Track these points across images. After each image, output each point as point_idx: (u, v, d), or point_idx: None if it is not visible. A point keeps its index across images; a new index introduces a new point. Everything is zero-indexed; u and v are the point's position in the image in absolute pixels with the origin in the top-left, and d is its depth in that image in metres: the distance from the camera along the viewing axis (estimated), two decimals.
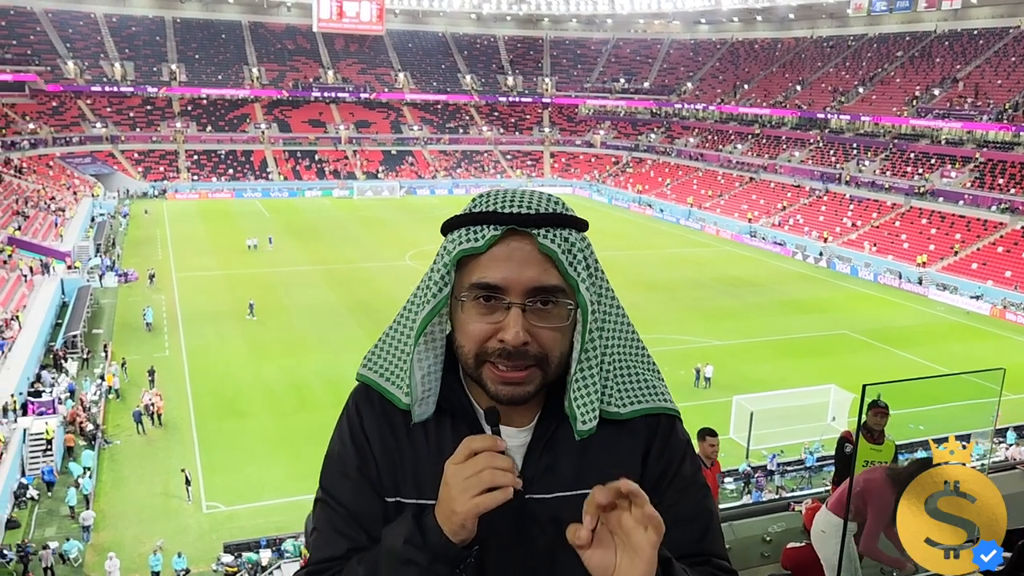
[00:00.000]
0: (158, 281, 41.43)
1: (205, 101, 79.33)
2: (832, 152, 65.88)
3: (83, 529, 20.03)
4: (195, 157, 73.64)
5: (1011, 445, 25.33)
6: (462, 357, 1.49)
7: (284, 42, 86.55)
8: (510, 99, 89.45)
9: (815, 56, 78.00)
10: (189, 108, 78.24)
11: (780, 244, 55.66)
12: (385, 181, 75.20)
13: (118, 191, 65.91)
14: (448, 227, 1.52)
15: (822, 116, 69.03)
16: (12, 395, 24.80)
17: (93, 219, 55.11)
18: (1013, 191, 50.95)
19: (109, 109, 74.63)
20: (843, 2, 72.34)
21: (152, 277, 41.51)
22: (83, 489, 21.44)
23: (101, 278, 41.45)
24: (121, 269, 43.30)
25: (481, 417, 1.53)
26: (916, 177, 57.23)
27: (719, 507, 9.89)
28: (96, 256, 45.14)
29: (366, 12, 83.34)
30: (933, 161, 58.27)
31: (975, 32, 66.02)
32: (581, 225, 1.51)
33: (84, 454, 23.29)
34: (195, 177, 71.52)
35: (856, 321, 38.81)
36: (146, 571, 18.63)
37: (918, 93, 63.36)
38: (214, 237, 53.03)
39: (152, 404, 26.07)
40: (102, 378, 28.43)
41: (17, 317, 31.50)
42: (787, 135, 71.70)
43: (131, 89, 75.92)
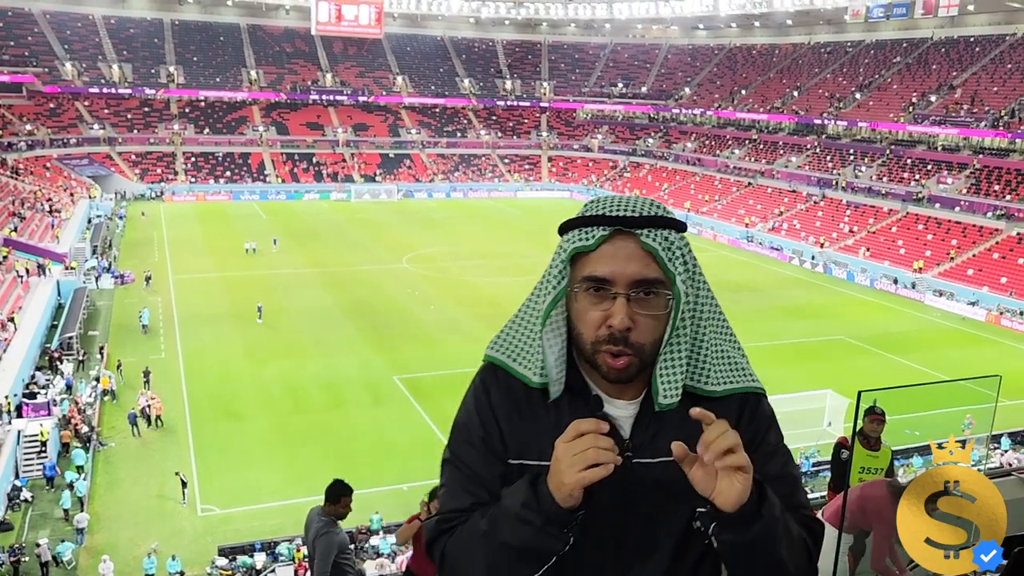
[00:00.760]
0: (154, 283, 41.37)
1: (203, 103, 79.31)
2: (829, 158, 66.02)
3: (77, 532, 19.97)
4: (192, 159, 73.61)
5: (1006, 451, 25.38)
6: (580, 343, 1.71)
7: (282, 45, 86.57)
8: (508, 103, 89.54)
9: (812, 62, 78.20)
10: (187, 110, 78.21)
11: (777, 249, 55.74)
12: (383, 184, 75.20)
13: (115, 193, 65.84)
14: (564, 228, 1.74)
15: (819, 122, 69.18)
16: (7, 397, 24.74)
17: (90, 221, 55.03)
18: (1008, 197, 51.08)
19: (107, 111, 74.57)
20: (840, 8, 72.55)
21: (148, 279, 41.45)
22: (77, 491, 21.39)
23: (97, 280, 41.38)
24: (117, 271, 43.23)
25: (595, 393, 1.75)
26: (912, 183, 57.36)
27: None
28: (92, 258, 45.08)
29: (365, 15, 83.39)
30: (929, 167, 58.41)
31: (971, 39, 66.23)
32: (680, 226, 1.70)
33: (76, 452, 23.25)
34: (192, 179, 71.48)
35: (852, 326, 38.86)
36: (140, 574, 18.57)
37: (915, 99, 63.54)
38: (211, 239, 52.98)
39: (148, 406, 26.04)
40: (97, 380, 28.37)
41: (13, 319, 31.44)
42: (784, 140, 71.83)
43: (129, 91, 75.87)
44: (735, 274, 48.68)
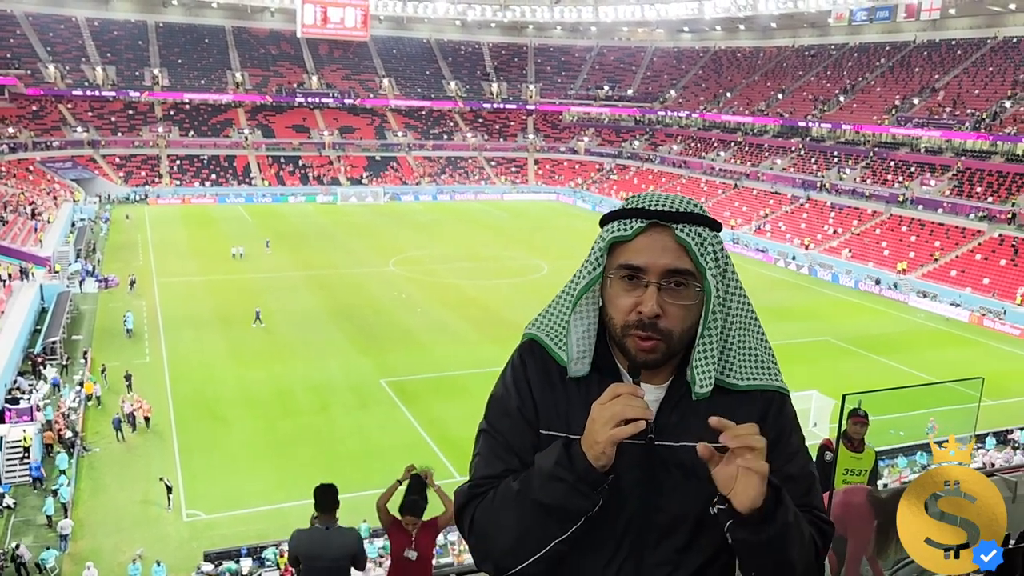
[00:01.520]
0: (139, 287, 41.09)
1: (188, 106, 78.89)
2: (813, 160, 66.43)
3: (60, 538, 19.78)
4: (177, 162, 73.18)
5: (989, 450, 25.59)
6: (611, 327, 1.80)
7: (268, 47, 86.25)
8: (494, 105, 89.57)
9: (797, 65, 78.68)
10: (171, 113, 77.77)
11: (762, 251, 56.03)
12: (369, 187, 75.04)
13: (99, 196, 65.37)
14: (605, 220, 1.84)
15: (803, 124, 69.59)
16: None
17: (73, 224, 54.60)
18: (990, 199, 51.57)
19: (90, 113, 74.03)
20: (824, 12, 73.05)
21: (133, 283, 41.16)
22: (61, 497, 21.19)
23: (81, 284, 41.05)
24: (101, 275, 42.91)
25: (624, 374, 1.84)
26: (896, 185, 57.80)
27: None
28: (76, 261, 44.72)
29: (350, 18, 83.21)
30: (913, 169, 58.88)
31: (953, 42, 66.86)
32: (715, 226, 1.78)
33: (59, 457, 23.05)
34: (177, 182, 71.07)
35: (838, 328, 39.10)
36: None
37: (898, 102, 64.05)
38: (196, 243, 52.70)
39: (134, 411, 25.84)
40: (81, 385, 28.13)
41: None
42: (769, 143, 72.23)
43: (113, 93, 75.35)
44: None
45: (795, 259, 53.49)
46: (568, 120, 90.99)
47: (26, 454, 23.13)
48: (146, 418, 25.82)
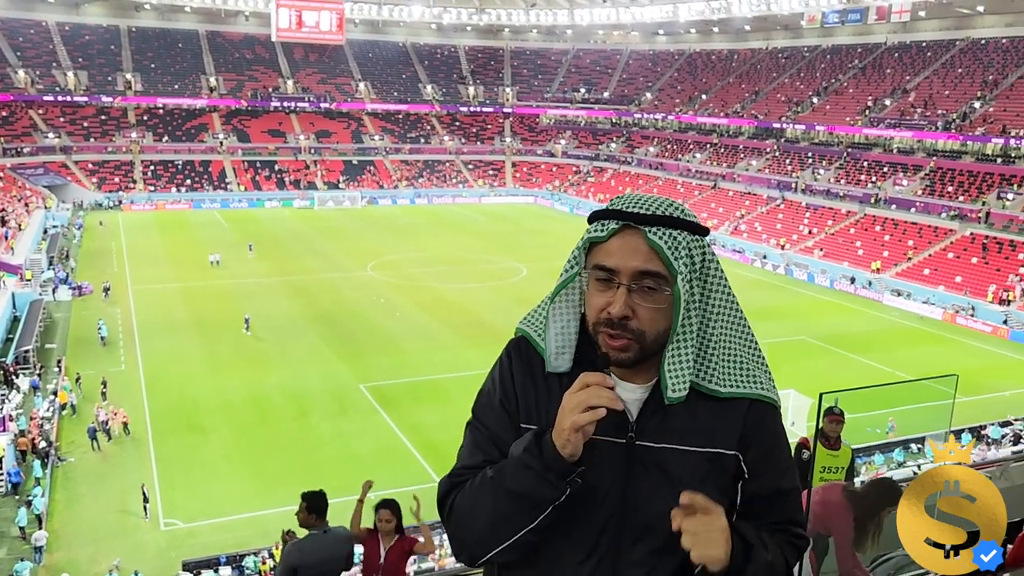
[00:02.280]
0: (113, 294, 40.61)
1: (161, 111, 78.14)
2: (788, 161, 67.06)
3: (35, 550, 19.47)
4: (151, 168, 72.43)
5: (964, 446, 25.93)
6: (587, 324, 1.83)
7: (242, 51, 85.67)
8: (471, 109, 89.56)
9: (771, 67, 79.41)
10: (145, 118, 76.97)
11: (739, 252, 56.45)
12: (346, 191, 74.71)
13: (72, 202, 64.52)
14: (590, 220, 1.86)
15: (778, 126, 70.25)
16: None
17: (46, 231, 53.87)
18: (961, 199, 52.33)
19: (62, 119, 73.08)
20: (797, 14, 73.78)
21: (107, 290, 40.68)
22: (34, 508, 20.87)
23: (54, 291, 40.48)
24: (75, 282, 42.34)
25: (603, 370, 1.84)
26: (869, 185, 58.50)
27: None
28: (49, 269, 44.11)
29: (326, 22, 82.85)
30: (886, 169, 59.61)
31: (923, 44, 67.81)
32: (699, 230, 1.79)
33: (35, 465, 22.72)
34: (151, 188, 70.35)
35: (814, 327, 39.48)
36: None
37: (870, 103, 64.84)
38: (171, 249, 52.19)
39: (108, 421, 25.52)
40: (55, 394, 27.75)
41: None
42: (744, 144, 72.82)
43: (85, 99, 74.42)
44: None
45: (766, 258, 53.98)
46: (545, 123, 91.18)
47: None
48: (124, 424, 25.51)
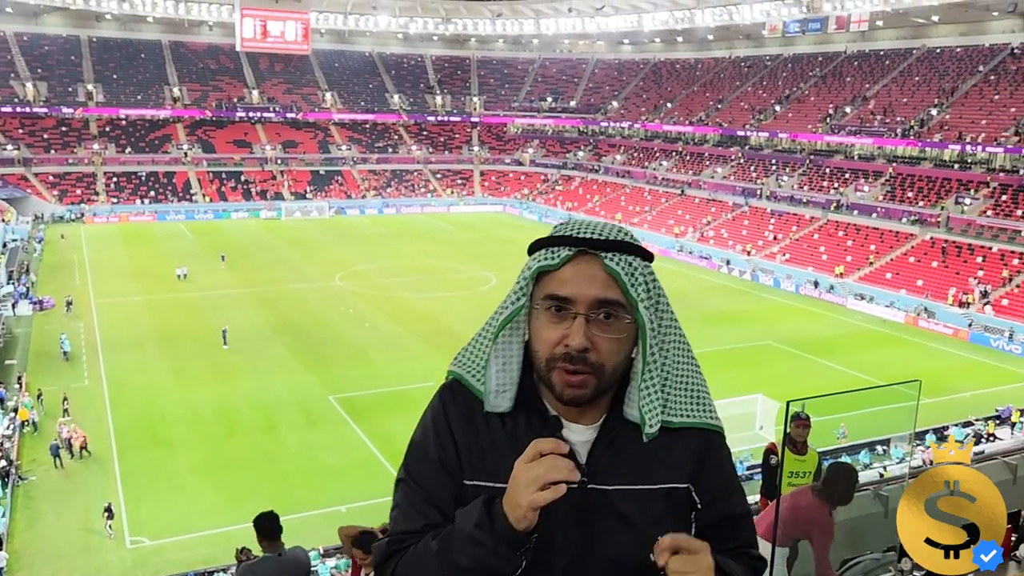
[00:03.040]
0: (76, 308, 39.90)
1: (124, 122, 77.02)
2: (753, 168, 67.96)
3: None
4: (115, 179, 71.35)
5: (928, 447, 26.40)
6: (536, 360, 1.71)
7: (207, 61, 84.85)
8: (439, 118, 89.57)
9: (734, 76, 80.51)
10: (107, 129, 75.83)
11: (706, 258, 57.04)
12: (314, 201, 74.22)
13: (32, 215, 63.28)
14: (533, 248, 1.75)
15: (742, 133, 71.22)
16: None
17: (5, 245, 52.68)
18: (921, 203, 53.42)
19: (21, 131, 71.70)
20: (759, 24, 74.89)
21: (69, 304, 39.96)
22: None
23: (14, 306, 39.65)
24: (36, 296, 41.54)
25: (551, 413, 1.74)
26: (832, 191, 59.49)
27: None
28: (9, 283, 43.19)
29: (291, 31, 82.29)
30: (847, 176, 60.68)
31: (882, 53, 69.23)
32: (646, 255, 1.72)
33: None
34: (115, 200, 69.25)
35: (780, 332, 39.98)
36: None
37: (831, 111, 65.99)
38: (135, 261, 51.42)
39: (71, 437, 25.02)
40: (16, 411, 27.15)
41: None
42: (710, 152, 73.68)
43: (45, 110, 73.13)
44: (667, 284, 48.05)
45: (729, 262, 54.60)
46: (512, 132, 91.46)
47: None
48: (83, 446, 24.93)
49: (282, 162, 78.55)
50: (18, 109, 71.97)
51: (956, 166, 55.49)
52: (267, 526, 6.05)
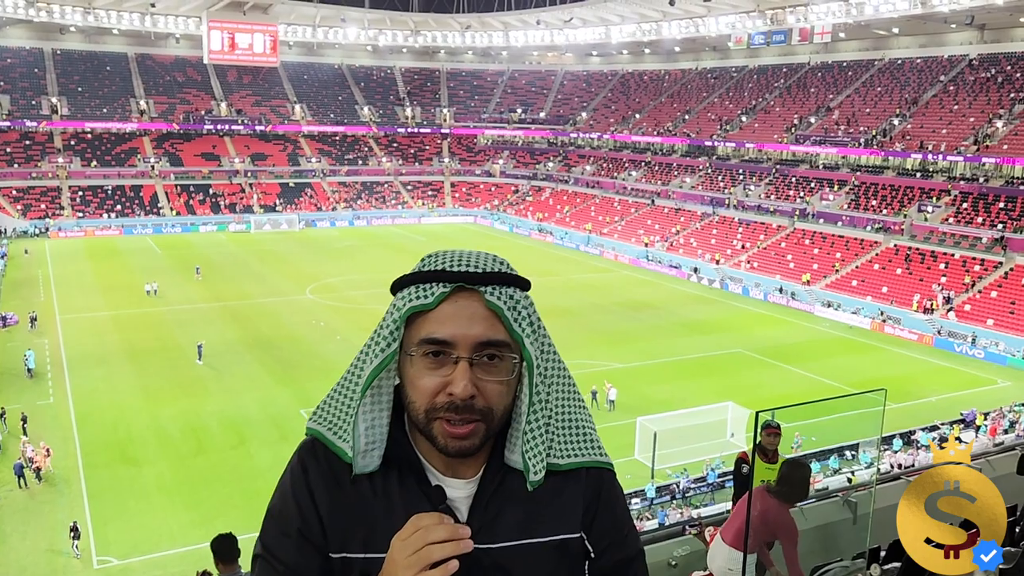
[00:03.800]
0: (40, 324, 39.19)
1: (90, 135, 76.00)
2: (720, 178, 68.76)
3: None
4: (80, 193, 70.32)
5: (896, 451, 26.85)
6: (412, 412, 1.52)
7: (173, 74, 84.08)
8: (409, 130, 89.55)
9: (701, 87, 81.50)
10: (72, 143, 74.76)
11: (676, 267, 57.52)
12: (283, 214, 73.72)
13: None
14: (398, 286, 1.55)
15: (709, 143, 72.08)
16: None
17: None
18: (885, 212, 54.40)
19: None
20: (724, 36, 75.94)
21: (33, 320, 39.24)
22: None
23: None
24: None
25: (429, 470, 1.57)
26: (798, 200, 60.36)
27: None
28: None
29: (259, 44, 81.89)
30: (813, 185, 61.61)
31: (844, 64, 70.52)
32: (524, 285, 1.56)
33: None
34: (80, 214, 68.26)
35: (749, 339, 40.40)
36: None
37: (796, 121, 67.05)
38: (102, 276, 50.67)
39: (34, 457, 24.54)
40: None
41: None
42: (678, 162, 74.43)
43: (7, 124, 71.93)
44: (636, 293, 49.95)
45: (697, 271, 55.15)
46: (483, 143, 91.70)
47: None
48: (37, 469, 24.09)
49: (251, 175, 77.97)
50: None
51: (918, 175, 56.64)
52: (223, 548, 5.94)
